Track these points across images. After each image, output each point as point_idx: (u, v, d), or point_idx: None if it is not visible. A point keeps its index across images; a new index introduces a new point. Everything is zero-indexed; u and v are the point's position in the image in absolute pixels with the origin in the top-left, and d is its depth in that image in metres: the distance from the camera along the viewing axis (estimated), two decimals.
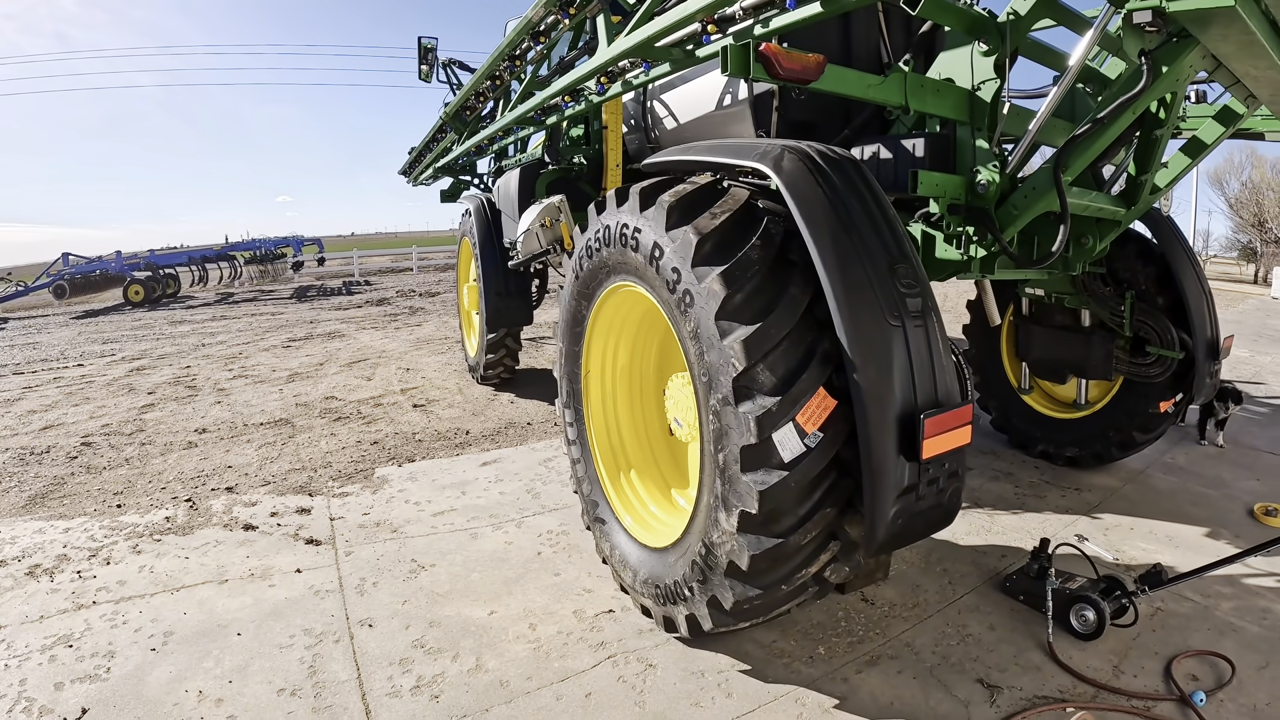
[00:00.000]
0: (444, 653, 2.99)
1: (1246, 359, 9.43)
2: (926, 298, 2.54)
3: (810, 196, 2.58)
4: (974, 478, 5.06)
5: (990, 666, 2.97)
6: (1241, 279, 28.46)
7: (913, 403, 2.41)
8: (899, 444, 2.38)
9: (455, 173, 9.53)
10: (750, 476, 2.43)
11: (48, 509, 4.69)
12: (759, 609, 2.73)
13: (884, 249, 2.54)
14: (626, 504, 3.61)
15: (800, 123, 4.27)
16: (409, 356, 9.82)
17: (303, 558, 3.87)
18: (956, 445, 2.47)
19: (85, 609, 3.40)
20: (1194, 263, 4.75)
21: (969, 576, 3.70)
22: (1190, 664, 2.97)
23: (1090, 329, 4.91)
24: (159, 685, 2.80)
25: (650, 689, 2.80)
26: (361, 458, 5.54)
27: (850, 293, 2.42)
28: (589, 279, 3.51)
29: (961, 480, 2.60)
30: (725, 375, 2.48)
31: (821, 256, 2.46)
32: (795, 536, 2.48)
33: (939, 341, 2.52)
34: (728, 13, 3.15)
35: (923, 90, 3.37)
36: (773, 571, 2.57)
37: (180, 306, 18.31)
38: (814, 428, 2.42)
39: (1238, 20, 2.21)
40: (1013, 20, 3.18)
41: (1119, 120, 3.03)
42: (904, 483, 2.39)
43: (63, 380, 9.05)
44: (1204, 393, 4.62)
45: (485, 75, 5.55)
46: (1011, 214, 3.33)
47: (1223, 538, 4.16)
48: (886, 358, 2.39)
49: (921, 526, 2.56)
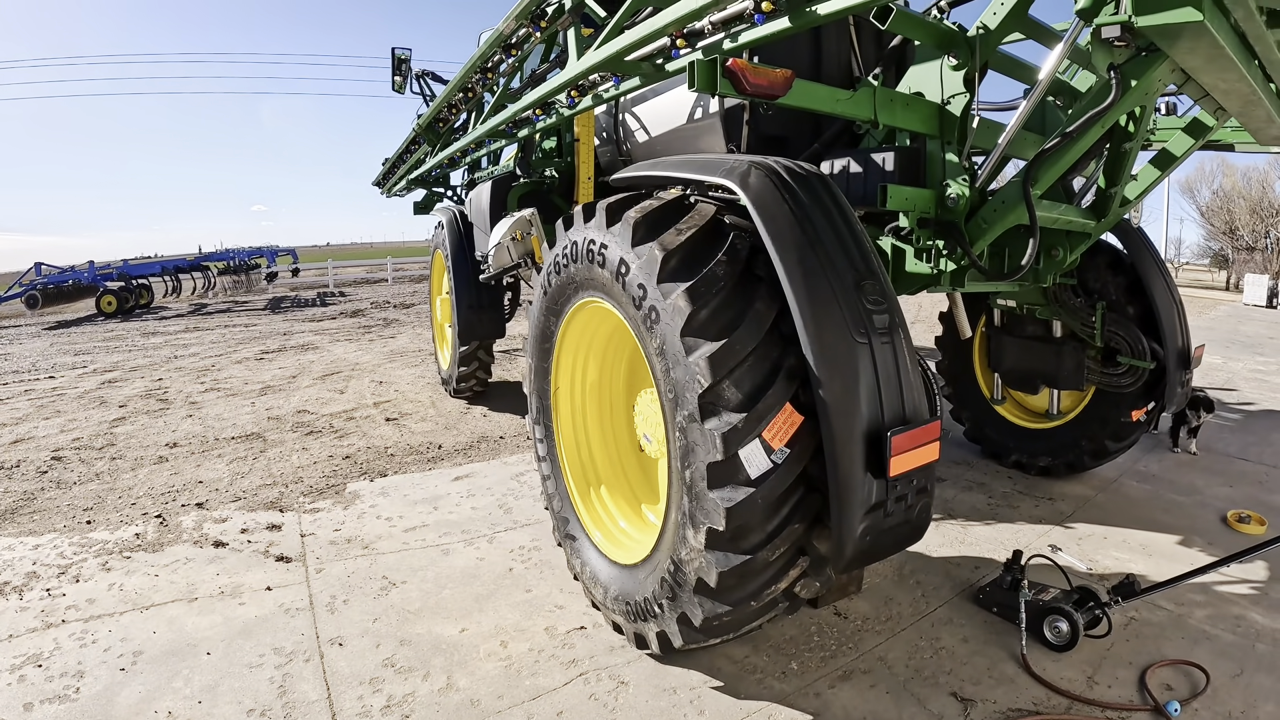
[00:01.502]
0: (415, 671, 3.01)
1: (1219, 365, 9.62)
2: (894, 314, 2.55)
3: (776, 212, 2.59)
4: (947, 488, 5.13)
5: (964, 679, 2.99)
6: (1214, 286, 29.03)
7: (879, 420, 2.40)
8: (866, 461, 2.37)
9: (428, 185, 9.53)
10: (717, 493, 2.43)
11: (17, 525, 4.66)
12: (729, 625, 2.72)
13: (850, 265, 2.54)
14: (597, 520, 3.63)
15: (770, 137, 4.30)
16: (383, 369, 9.81)
17: (273, 575, 3.87)
18: (924, 462, 2.47)
19: (54, 627, 3.39)
20: (1164, 273, 4.80)
21: (942, 589, 3.73)
22: (1165, 673, 3.01)
23: (1062, 340, 4.96)
24: (128, 706, 2.80)
25: (622, 706, 2.82)
26: (333, 473, 5.54)
27: (816, 309, 2.43)
28: (557, 294, 3.51)
29: (930, 496, 2.60)
30: (691, 392, 2.47)
31: (787, 272, 2.47)
32: (763, 553, 2.48)
33: (906, 358, 2.53)
34: (697, 27, 3.13)
35: (892, 105, 3.40)
36: (741, 588, 2.57)
37: (153, 317, 18.12)
38: (780, 444, 2.41)
39: (1206, 35, 2.22)
40: (982, 35, 3.20)
41: (1088, 134, 3.05)
42: (871, 500, 2.39)
43: (33, 392, 8.95)
44: (1176, 401, 4.63)
45: (457, 87, 5.53)
46: (981, 227, 3.35)
47: (1196, 545, 4.21)
48: (853, 374, 2.39)
49: (890, 543, 2.55)
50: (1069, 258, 3.97)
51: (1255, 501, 4.88)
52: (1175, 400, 4.62)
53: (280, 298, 22.36)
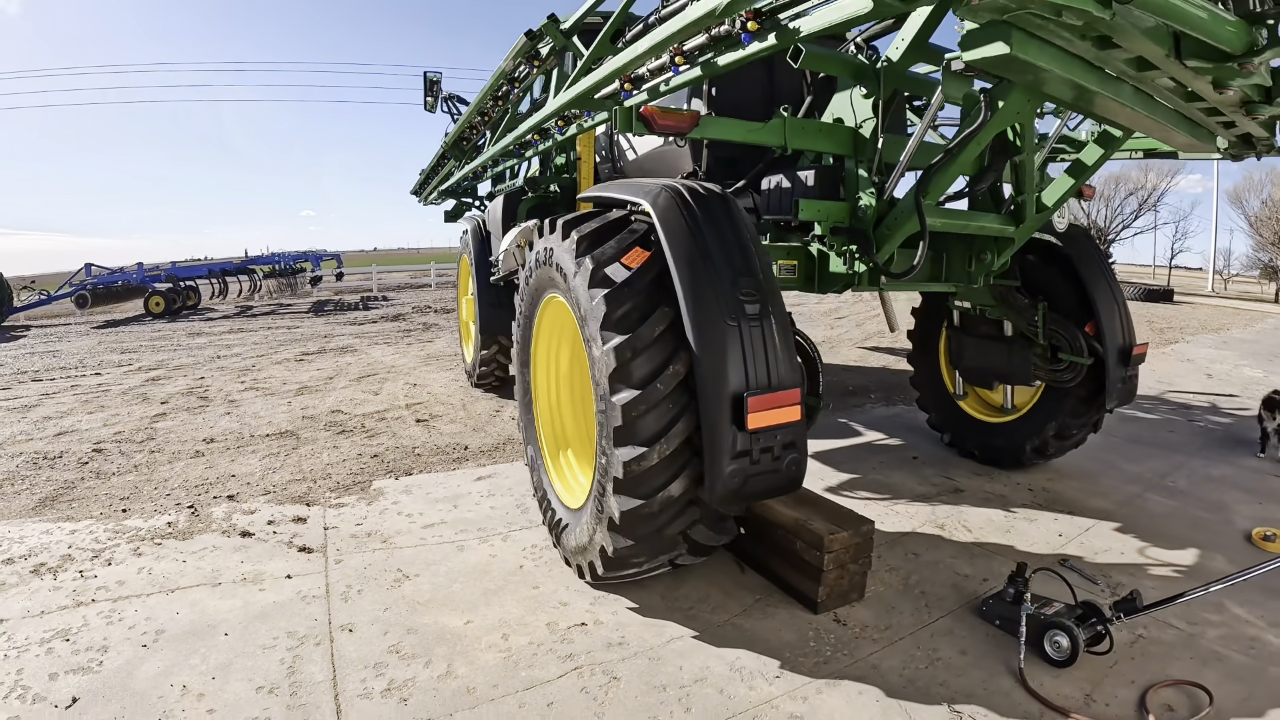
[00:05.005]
0: (417, 658, 3.11)
1: (1260, 379, 9.44)
2: (766, 304, 3.08)
3: (676, 227, 3.18)
4: (964, 500, 5.14)
5: (957, 691, 2.97)
6: (1263, 298, 28.26)
7: (743, 385, 2.95)
8: (731, 417, 2.92)
9: (457, 195, 10.06)
10: (620, 451, 3.04)
11: (56, 511, 4.88)
12: (637, 557, 3.33)
13: (730, 266, 3.10)
14: (560, 476, 4.24)
15: (726, 159, 4.94)
16: (417, 372, 10.02)
17: (294, 564, 4.02)
18: (783, 421, 3.00)
19: (84, 606, 3.56)
20: (1108, 275, 5.18)
21: (947, 600, 3.72)
22: (1167, 694, 2.94)
23: (1012, 338, 5.29)
24: (146, 679, 2.94)
25: (611, 701, 2.88)
26: (360, 470, 5.70)
27: (698, 300, 3.01)
28: (533, 292, 4.15)
29: (800, 453, 3.11)
30: (604, 374, 3.09)
31: (679, 274, 3.06)
32: (656, 499, 3.08)
33: (775, 338, 3.05)
34: (639, 73, 3.92)
35: (804, 131, 4.03)
36: (640, 526, 3.16)
37: (199, 318, 18.67)
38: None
39: (1025, 65, 2.46)
40: (887, 66, 3.66)
41: (967, 150, 3.43)
42: (736, 448, 2.93)
43: (80, 388, 9.31)
44: (1116, 397, 4.99)
45: (475, 111, 6.19)
46: (886, 234, 3.80)
47: (1215, 564, 4.12)
48: (722, 351, 2.95)
49: (763, 488, 3.07)
50: (997, 261, 4.39)
51: None
52: (1115, 396, 4.99)
53: (324, 301, 22.89)
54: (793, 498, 3.92)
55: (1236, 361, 11.24)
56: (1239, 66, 2.39)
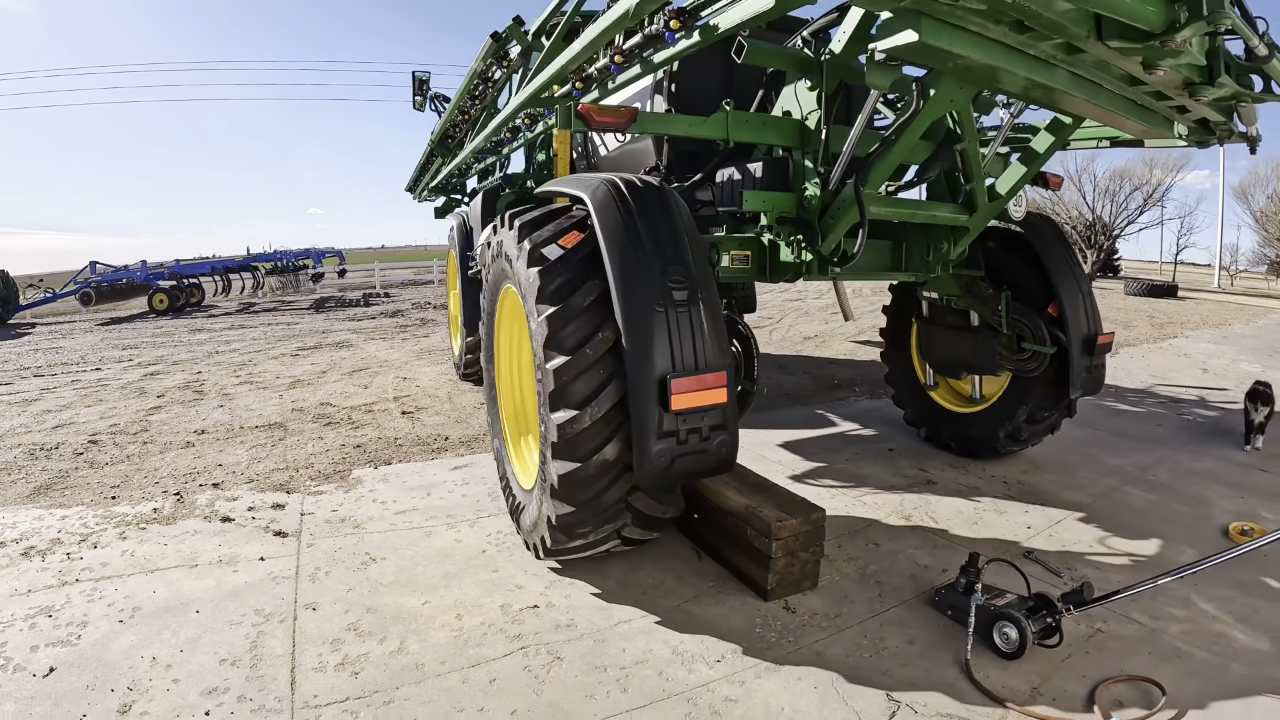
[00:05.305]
0: (373, 635, 3.27)
1: (1257, 375, 9.26)
2: (695, 291, 3.22)
3: (610, 217, 3.34)
4: (935, 491, 5.17)
5: (899, 681, 2.96)
6: (1270, 294, 27.99)
7: (668, 368, 3.09)
8: (657, 398, 3.07)
9: (446, 192, 10.22)
10: (554, 415, 3.19)
11: (49, 499, 5.08)
12: (582, 526, 3.44)
13: (660, 255, 3.25)
14: (519, 459, 4.42)
15: (686, 153, 5.06)
16: (409, 366, 10.22)
17: (269, 548, 4.20)
18: (709, 403, 3.14)
19: (68, 585, 3.75)
20: (1073, 264, 5.18)
21: (902, 590, 3.74)
22: (1119, 690, 2.89)
23: (978, 328, 5.34)
24: (119, 651, 3.13)
25: (551, 679, 2.98)
26: (342, 460, 5.89)
27: (627, 287, 3.17)
28: (492, 287, 4.42)
29: (729, 435, 3.24)
30: (540, 343, 3.26)
31: (610, 261, 3.23)
32: (592, 462, 3.19)
33: (702, 324, 3.20)
34: (589, 72, 4.07)
35: (747, 124, 4.10)
36: (578, 490, 3.27)
37: (202, 315, 18.92)
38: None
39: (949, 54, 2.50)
40: (831, 59, 3.73)
41: (903, 139, 3.48)
42: (663, 428, 3.08)
43: (80, 383, 9.55)
44: (1080, 386, 5.01)
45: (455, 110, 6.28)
46: (830, 224, 3.86)
47: (1185, 558, 4.00)
48: (649, 335, 3.10)
49: (691, 467, 3.21)
50: (954, 250, 4.43)
51: (1267, 515, 4.71)
52: (1079, 385, 5.01)
53: (325, 298, 23.13)
54: (747, 484, 4.04)
55: (1235, 356, 11.18)
56: (1161, 45, 2.40)
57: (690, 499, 4.12)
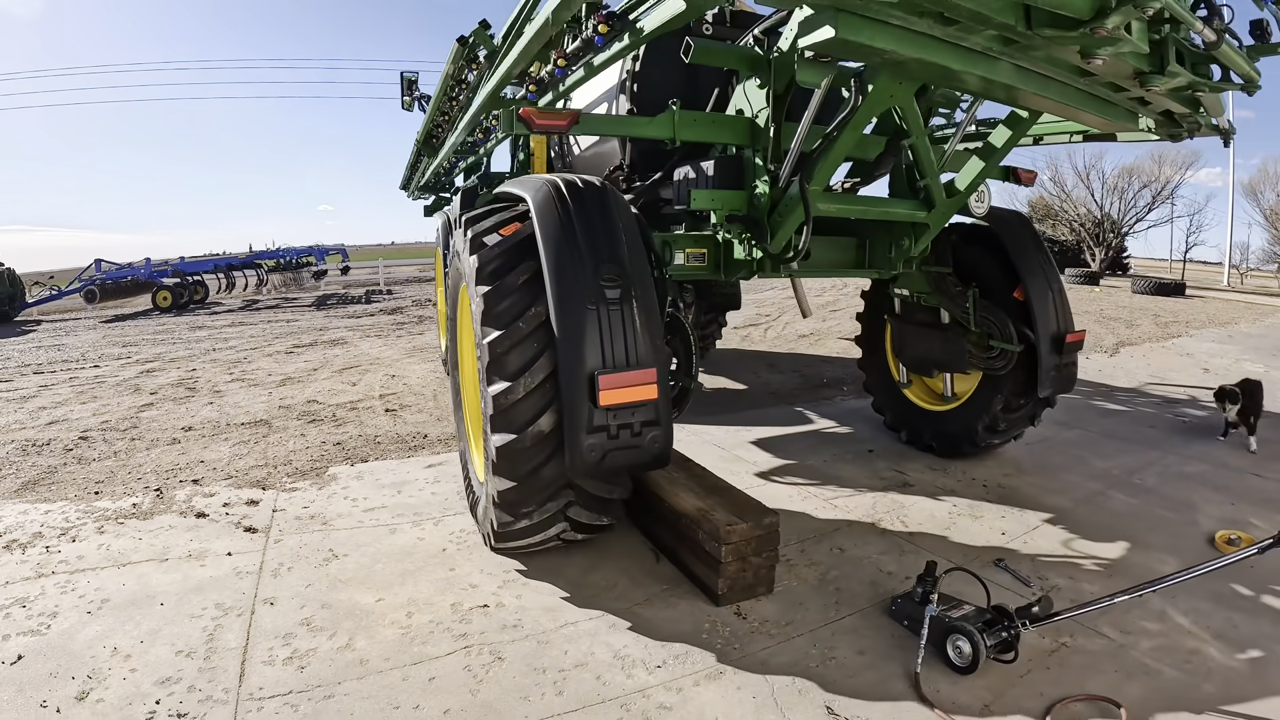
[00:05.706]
0: (324, 631, 3.39)
1: (1259, 375, 9.03)
2: (628, 289, 3.30)
3: (548, 216, 3.44)
4: (910, 494, 5.12)
5: (843, 693, 2.89)
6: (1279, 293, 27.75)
7: (598, 364, 3.17)
8: (587, 393, 3.15)
9: (436, 190, 10.36)
10: (490, 388, 3.29)
11: (36, 494, 5.25)
12: (526, 505, 3.52)
13: (595, 254, 3.33)
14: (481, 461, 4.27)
15: (648, 152, 5.14)
16: (400, 364, 10.37)
17: (237, 543, 4.34)
18: (638, 399, 3.21)
19: (44, 577, 3.91)
20: (1044, 262, 5.13)
21: (860, 598, 3.67)
22: (1078, 709, 2.76)
23: (948, 326, 5.32)
24: (84, 641, 3.28)
25: (489, 680, 3.02)
26: (321, 457, 6.03)
27: (561, 284, 3.25)
28: (452, 289, 4.55)
29: (662, 430, 3.31)
30: (478, 321, 3.37)
31: (545, 257, 3.33)
32: (528, 433, 3.25)
33: (634, 321, 3.28)
34: (539, 76, 4.17)
35: (695, 124, 4.15)
36: (517, 463, 3.33)
37: (205, 313, 19.10)
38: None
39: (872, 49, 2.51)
40: (779, 57, 3.78)
41: (845, 136, 3.53)
42: (593, 422, 3.16)
43: (77, 380, 9.75)
44: (1049, 385, 4.97)
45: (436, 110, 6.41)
46: (779, 221, 3.92)
47: (1166, 568, 3.81)
48: (580, 332, 3.19)
49: (623, 462, 3.28)
50: (915, 247, 4.48)
51: (1256, 523, 4.53)
52: (1048, 383, 4.97)
53: (327, 295, 23.27)
54: (703, 486, 4.07)
55: (1238, 356, 11.03)
56: (1092, 33, 2.35)
57: (646, 500, 4.22)
